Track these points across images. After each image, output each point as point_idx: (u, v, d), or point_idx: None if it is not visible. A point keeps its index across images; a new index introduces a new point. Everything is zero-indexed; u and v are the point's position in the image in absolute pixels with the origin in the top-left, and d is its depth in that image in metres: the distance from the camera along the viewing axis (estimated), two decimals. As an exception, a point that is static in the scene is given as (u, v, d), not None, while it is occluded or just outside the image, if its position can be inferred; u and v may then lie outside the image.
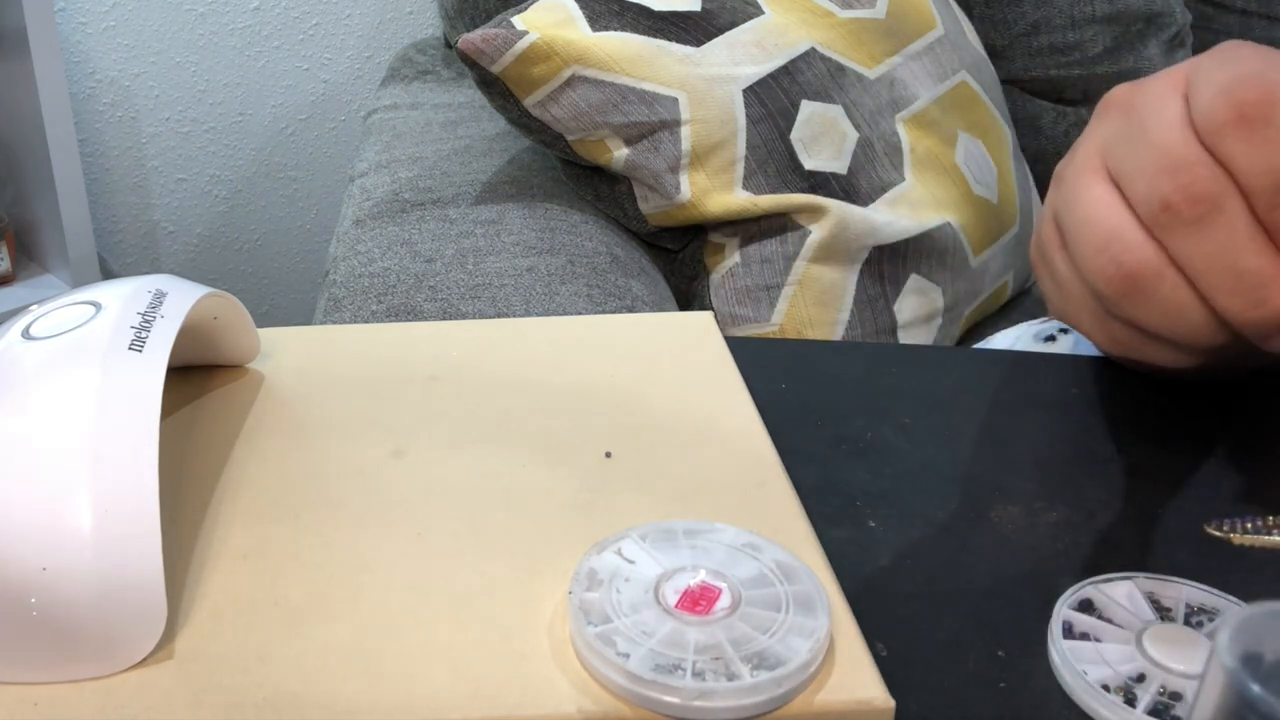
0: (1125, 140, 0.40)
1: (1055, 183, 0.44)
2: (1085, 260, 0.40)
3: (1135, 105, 0.41)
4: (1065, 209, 0.41)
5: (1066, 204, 0.41)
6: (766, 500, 0.39)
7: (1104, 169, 0.40)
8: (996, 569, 0.40)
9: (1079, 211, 0.40)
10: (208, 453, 0.40)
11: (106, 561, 0.31)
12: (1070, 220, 0.41)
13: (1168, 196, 0.37)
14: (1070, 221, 0.41)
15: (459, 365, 0.46)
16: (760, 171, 0.97)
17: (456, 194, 1.00)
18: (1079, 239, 0.40)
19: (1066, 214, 0.41)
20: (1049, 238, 0.44)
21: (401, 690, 0.31)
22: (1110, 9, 1.35)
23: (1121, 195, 0.40)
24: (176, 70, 1.54)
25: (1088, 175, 0.40)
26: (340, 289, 0.90)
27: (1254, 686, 0.22)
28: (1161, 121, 0.39)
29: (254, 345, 0.46)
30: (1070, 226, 0.41)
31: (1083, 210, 0.40)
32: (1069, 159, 0.43)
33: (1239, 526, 0.38)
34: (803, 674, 0.31)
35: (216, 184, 1.62)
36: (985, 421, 0.48)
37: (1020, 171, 1.21)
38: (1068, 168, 0.42)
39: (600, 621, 0.32)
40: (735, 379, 0.46)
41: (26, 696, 0.31)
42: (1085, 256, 0.40)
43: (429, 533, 0.37)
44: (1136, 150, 0.39)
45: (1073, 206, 0.41)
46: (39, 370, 0.35)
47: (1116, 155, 0.40)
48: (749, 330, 1.00)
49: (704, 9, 1.00)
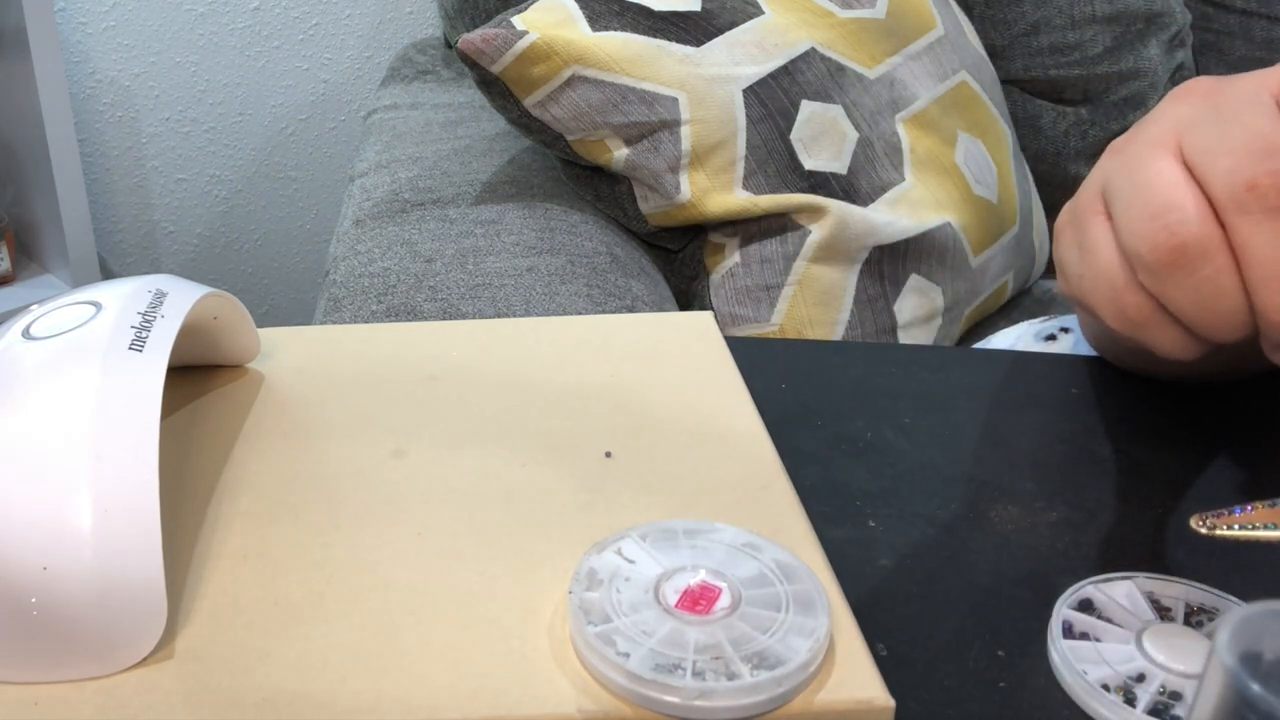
0: (1210, 121, 0.40)
1: (1110, 153, 0.43)
2: (1136, 224, 0.40)
3: (1224, 93, 0.41)
4: (1124, 176, 0.41)
5: (1127, 171, 0.41)
6: (766, 500, 0.39)
7: (1177, 147, 0.40)
8: (996, 569, 0.40)
9: (1141, 177, 0.40)
10: (208, 453, 0.40)
11: (107, 561, 0.31)
12: (1126, 186, 0.40)
13: (1256, 178, 0.37)
14: (1126, 187, 0.40)
15: (459, 365, 0.46)
16: (760, 171, 0.97)
17: (456, 194, 1.01)
18: (1134, 203, 0.40)
19: (1124, 180, 0.41)
20: (1089, 204, 0.43)
21: (401, 690, 0.31)
22: (1110, 9, 1.35)
23: (1190, 175, 0.39)
24: (176, 70, 1.54)
25: (1158, 149, 0.40)
26: (340, 289, 0.90)
27: (1253, 685, 0.22)
28: (1256, 109, 0.39)
29: (254, 345, 0.46)
30: (1124, 192, 0.40)
31: (1146, 177, 0.39)
32: (1134, 133, 0.42)
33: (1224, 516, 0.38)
34: (803, 674, 0.31)
35: (216, 184, 1.62)
36: (985, 421, 0.48)
37: (1020, 171, 1.21)
38: (1133, 140, 0.42)
39: (600, 621, 0.32)
40: (735, 379, 0.46)
41: (26, 696, 0.31)
42: (1138, 219, 0.39)
43: (429, 533, 0.37)
44: (1225, 130, 0.39)
45: (1134, 173, 0.40)
46: (39, 370, 0.35)
47: (1197, 134, 0.40)
48: (749, 330, 1.00)
49: (704, 9, 1.00)
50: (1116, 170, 0.42)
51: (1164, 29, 1.38)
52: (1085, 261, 0.43)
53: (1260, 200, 0.37)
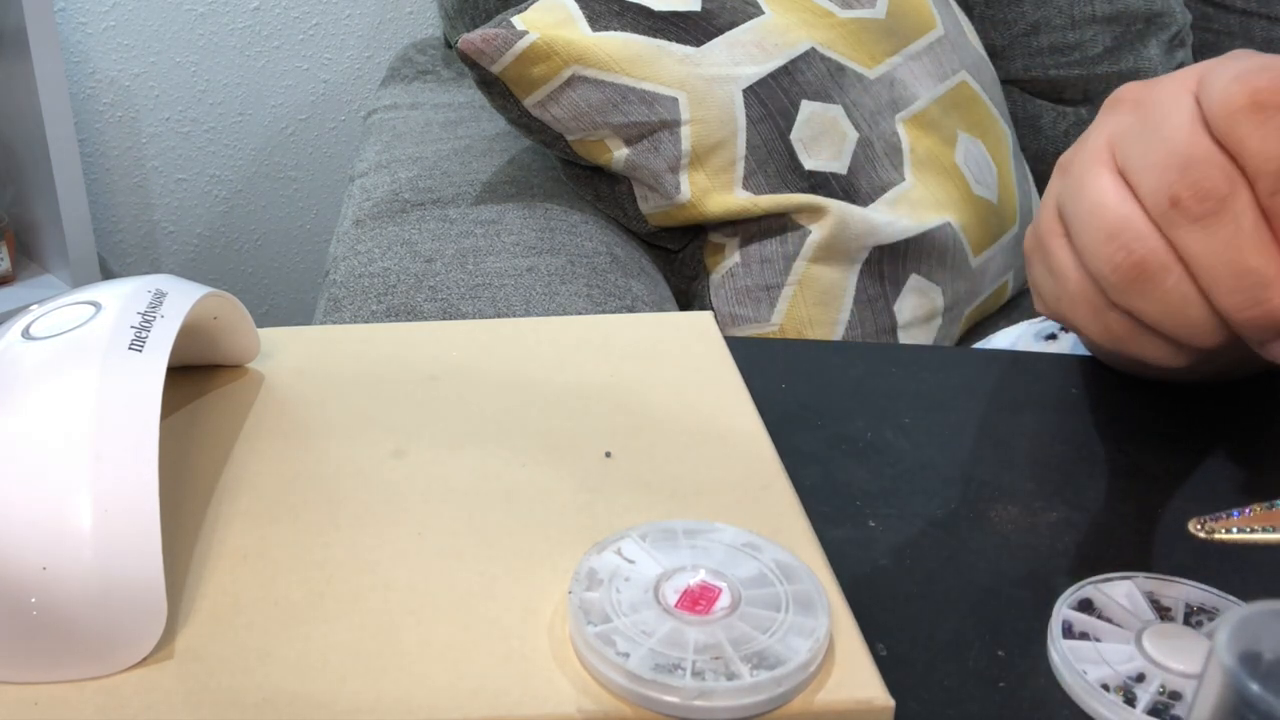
0: (1136, 135, 0.40)
1: (1059, 172, 0.44)
2: (1094, 247, 0.40)
3: (1147, 101, 0.41)
4: (1072, 198, 0.41)
5: (1073, 193, 0.41)
6: (766, 500, 0.39)
7: (1113, 161, 0.40)
8: (996, 569, 0.40)
9: (1088, 199, 0.40)
10: (208, 453, 0.40)
11: (107, 561, 0.31)
12: (1078, 209, 0.41)
13: (1176, 192, 0.38)
14: (1078, 210, 0.41)
15: (459, 365, 0.46)
16: (760, 171, 0.97)
17: (456, 194, 1.01)
18: (1088, 226, 0.40)
19: (1073, 203, 0.41)
20: (1048, 227, 0.44)
21: (401, 690, 0.31)
22: (1110, 9, 1.35)
23: (1129, 187, 0.40)
24: (176, 70, 1.54)
25: (1097, 166, 0.40)
26: (340, 289, 0.90)
27: (1253, 685, 0.22)
28: (1174, 118, 0.39)
29: (254, 345, 0.46)
30: (1078, 214, 0.41)
31: (1092, 198, 0.40)
32: (1075, 150, 0.43)
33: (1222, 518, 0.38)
34: (802, 673, 0.31)
35: (216, 184, 1.62)
36: (985, 421, 0.48)
37: (1020, 171, 1.21)
38: (1075, 158, 0.42)
39: (600, 621, 0.32)
40: (735, 379, 0.46)
41: (26, 696, 0.31)
42: (1095, 243, 0.40)
43: (429, 533, 0.37)
44: (1147, 145, 0.39)
45: (1080, 195, 0.41)
46: (39, 370, 0.35)
47: (1126, 149, 0.40)
48: (749, 330, 1.00)
49: (704, 9, 1.00)
50: (1066, 190, 0.42)
51: (1164, 29, 1.38)
52: (1059, 285, 0.44)
53: (1185, 214, 0.38)
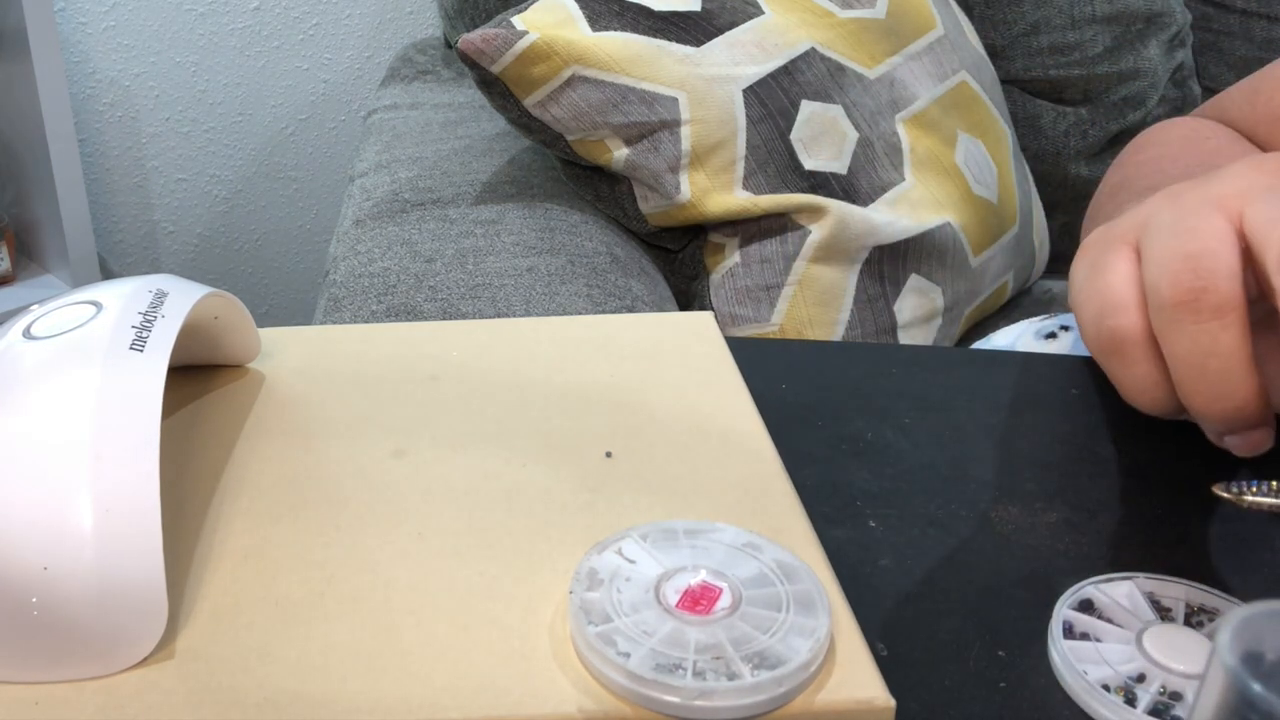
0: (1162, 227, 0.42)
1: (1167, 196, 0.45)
2: (1167, 258, 0.41)
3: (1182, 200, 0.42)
4: (1171, 215, 0.42)
5: (1177, 213, 0.42)
6: (766, 500, 0.39)
7: (1239, 214, 0.41)
8: (996, 569, 0.40)
9: (1190, 223, 0.41)
10: (208, 453, 0.40)
11: (107, 561, 0.31)
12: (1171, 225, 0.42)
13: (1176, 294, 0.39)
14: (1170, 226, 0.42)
15: (459, 365, 0.46)
16: (760, 171, 0.97)
17: (456, 194, 1.01)
18: (1172, 241, 0.41)
19: (1170, 220, 0.42)
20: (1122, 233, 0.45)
21: (401, 690, 0.31)
22: (1110, 9, 1.35)
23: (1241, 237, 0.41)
24: (176, 70, 1.54)
25: (1220, 210, 0.41)
26: (340, 289, 0.90)
27: (1255, 686, 0.22)
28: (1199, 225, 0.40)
29: (254, 345, 0.46)
30: (1165, 228, 0.42)
31: (1195, 224, 0.41)
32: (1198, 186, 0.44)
33: (1248, 489, 0.38)
34: (803, 674, 0.31)
35: (216, 184, 1.62)
36: (985, 421, 0.48)
37: (1020, 171, 1.21)
38: (1193, 192, 0.43)
39: (601, 621, 0.32)
40: (735, 379, 0.46)
41: (26, 696, 0.31)
42: (1171, 254, 0.41)
43: (429, 533, 0.37)
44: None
45: (1184, 217, 0.42)
46: (40, 370, 0.35)
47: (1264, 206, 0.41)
48: (749, 330, 1.00)
49: (704, 9, 1.00)
50: (1165, 209, 0.43)
51: (1164, 29, 1.38)
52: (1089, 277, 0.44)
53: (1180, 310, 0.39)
